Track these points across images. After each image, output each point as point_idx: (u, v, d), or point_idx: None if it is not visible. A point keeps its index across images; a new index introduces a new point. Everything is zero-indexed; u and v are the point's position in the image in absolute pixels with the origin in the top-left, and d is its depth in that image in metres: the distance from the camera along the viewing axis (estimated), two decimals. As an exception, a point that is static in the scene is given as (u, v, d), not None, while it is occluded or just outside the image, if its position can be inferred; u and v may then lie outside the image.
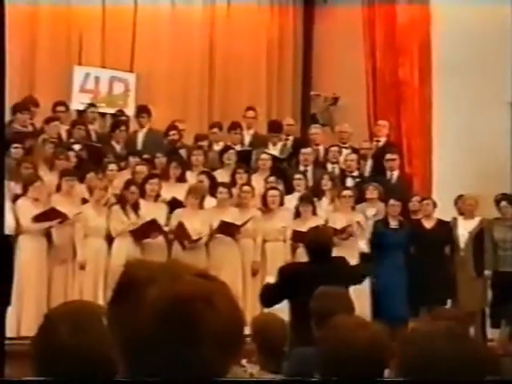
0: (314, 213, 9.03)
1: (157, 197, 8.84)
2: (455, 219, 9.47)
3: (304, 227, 8.31)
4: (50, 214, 8.19)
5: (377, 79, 11.43)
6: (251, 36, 12.87)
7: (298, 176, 9.62)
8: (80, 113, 10.98)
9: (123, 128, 10.18)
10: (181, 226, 8.49)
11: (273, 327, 4.29)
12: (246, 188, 9.08)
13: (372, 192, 9.43)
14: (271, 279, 6.16)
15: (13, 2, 11.37)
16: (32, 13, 11.60)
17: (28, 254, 8.14)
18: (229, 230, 8.69)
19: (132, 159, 9.53)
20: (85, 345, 1.79)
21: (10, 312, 7.98)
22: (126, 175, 9.11)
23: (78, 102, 11.32)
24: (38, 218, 8.14)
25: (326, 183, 9.47)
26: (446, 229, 9.36)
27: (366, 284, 8.80)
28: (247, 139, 10.78)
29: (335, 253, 6.44)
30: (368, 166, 10.43)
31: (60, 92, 11.31)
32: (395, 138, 10.95)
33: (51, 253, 8.31)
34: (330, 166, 10.19)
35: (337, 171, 10.07)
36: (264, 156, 9.92)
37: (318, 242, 5.91)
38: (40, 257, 8.21)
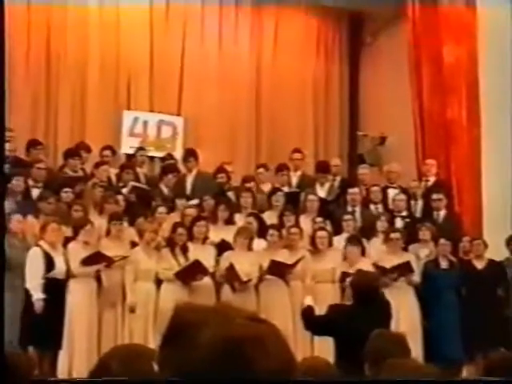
0: (363, 254, 8.97)
1: (205, 239, 8.86)
2: (508, 259, 9.30)
3: (353, 268, 8.27)
4: (95, 257, 8.27)
5: (424, 118, 11.38)
6: (297, 78, 12.96)
7: (346, 217, 9.58)
8: (129, 157, 11.12)
9: (175, 174, 10.26)
10: (231, 267, 8.49)
11: (320, 370, 4.24)
12: (294, 229, 9.07)
13: (425, 233, 9.34)
14: (309, 301, 6.27)
15: (63, 49, 11.68)
16: (82, 60, 11.85)
17: (78, 298, 8.20)
18: (280, 269, 8.67)
19: (179, 202, 9.59)
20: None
21: (62, 355, 8.04)
22: (175, 218, 9.16)
23: (127, 146, 11.49)
24: (84, 262, 8.22)
25: (383, 225, 9.42)
26: (498, 269, 9.19)
27: (418, 325, 8.70)
28: (294, 180, 10.79)
29: (387, 293, 6.47)
30: (419, 205, 10.34)
31: (110, 137, 11.50)
32: (444, 177, 10.86)
33: (101, 296, 8.36)
34: (372, 207, 10.13)
35: (380, 211, 9.99)
36: (311, 197, 9.91)
37: (363, 285, 5.93)
38: (90, 300, 8.27)
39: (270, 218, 9.51)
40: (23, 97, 11.43)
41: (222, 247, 8.87)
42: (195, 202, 9.68)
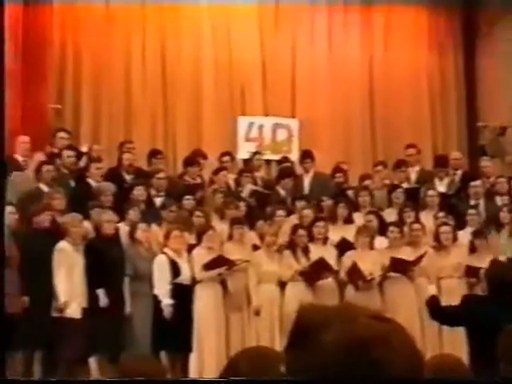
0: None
1: (325, 239, 8.86)
2: None
3: (480, 262, 8.07)
4: (218, 261, 8.40)
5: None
6: (410, 73, 12.76)
7: (471, 211, 9.38)
8: (246, 161, 11.24)
9: (292, 178, 10.30)
10: (354, 266, 8.46)
11: (451, 368, 4.15)
12: (416, 226, 8.95)
13: None
14: (433, 290, 6.18)
15: (177, 60, 11.94)
16: (196, 69, 12.06)
17: (205, 302, 8.35)
18: (402, 267, 8.57)
19: (298, 203, 9.62)
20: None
21: (192, 358, 8.21)
22: (294, 220, 9.20)
23: (244, 151, 11.62)
24: (207, 266, 8.36)
25: (505, 216, 9.17)
26: None
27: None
28: (413, 176, 10.64)
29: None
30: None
31: (226, 143, 11.66)
32: None
33: (227, 300, 8.49)
34: (498, 199, 9.85)
35: (505, 202, 9.70)
36: (431, 192, 9.75)
37: (499, 276, 5.77)
38: (216, 304, 8.40)
39: (389, 215, 9.41)
40: (142, 108, 11.75)
41: (342, 247, 8.85)
42: (314, 202, 9.70)
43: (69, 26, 11.49)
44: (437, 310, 6.11)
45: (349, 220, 9.26)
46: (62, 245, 7.98)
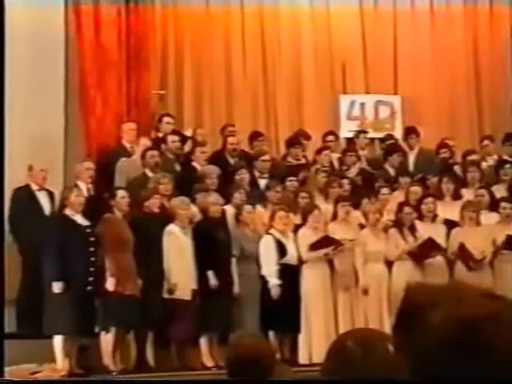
0: None
1: (434, 217, 8.73)
2: None
3: None
4: (324, 241, 8.40)
5: None
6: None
7: None
8: (349, 140, 11.17)
9: (399, 153, 10.18)
10: (462, 247, 8.31)
11: None
12: (527, 201, 8.72)
13: None
14: None
15: (277, 41, 11.94)
16: (295, 50, 12.03)
17: (313, 282, 8.38)
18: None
19: (402, 180, 9.50)
20: (371, 364, 1.82)
21: (301, 339, 8.26)
22: (400, 198, 9.09)
23: (346, 130, 11.55)
24: (313, 246, 8.37)
25: None
26: None
27: None
28: (523, 150, 10.34)
29: None
30: None
31: (328, 122, 11.61)
32: None
33: (334, 280, 8.48)
34: None
35: None
36: (543, 165, 9.46)
37: None
38: (324, 284, 8.41)
39: (499, 190, 9.19)
40: (243, 91, 11.80)
41: (451, 224, 8.69)
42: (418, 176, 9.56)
43: (170, 18, 11.61)
44: None
45: (457, 196, 9.08)
46: (171, 228, 8.15)
